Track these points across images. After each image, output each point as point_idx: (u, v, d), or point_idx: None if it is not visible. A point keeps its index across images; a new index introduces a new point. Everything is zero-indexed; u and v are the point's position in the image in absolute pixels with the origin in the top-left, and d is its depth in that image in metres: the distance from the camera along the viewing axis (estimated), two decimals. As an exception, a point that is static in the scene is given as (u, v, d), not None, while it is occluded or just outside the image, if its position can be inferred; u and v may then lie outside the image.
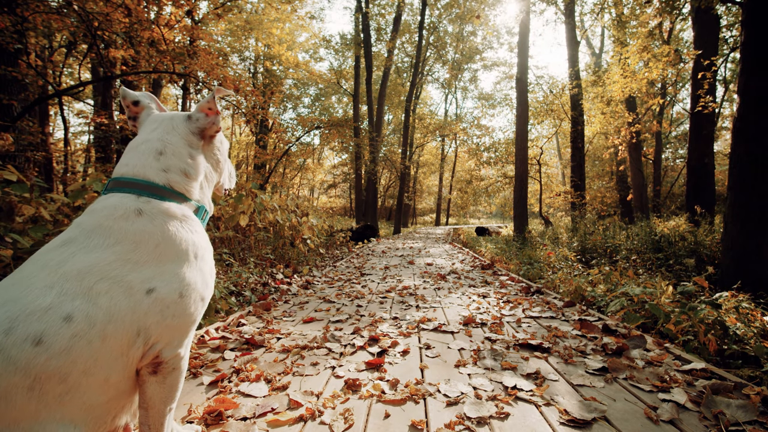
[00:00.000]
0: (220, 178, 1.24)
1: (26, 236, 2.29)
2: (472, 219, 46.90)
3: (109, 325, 0.81)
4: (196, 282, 0.94)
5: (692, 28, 8.02)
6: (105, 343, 0.80)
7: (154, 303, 0.86)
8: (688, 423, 1.34)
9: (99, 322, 0.79)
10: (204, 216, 1.11)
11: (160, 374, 0.91)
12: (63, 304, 0.78)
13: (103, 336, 0.80)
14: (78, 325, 0.77)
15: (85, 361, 0.78)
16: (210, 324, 2.49)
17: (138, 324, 0.84)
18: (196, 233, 1.00)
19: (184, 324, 0.92)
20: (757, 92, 3.91)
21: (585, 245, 6.95)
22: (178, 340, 0.93)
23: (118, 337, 0.82)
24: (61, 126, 12.71)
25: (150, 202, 0.95)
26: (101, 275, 0.83)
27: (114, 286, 0.83)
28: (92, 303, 0.80)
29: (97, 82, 8.84)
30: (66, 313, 0.77)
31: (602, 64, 19.34)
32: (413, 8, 22.31)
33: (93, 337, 0.79)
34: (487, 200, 25.67)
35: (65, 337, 0.76)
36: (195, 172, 1.08)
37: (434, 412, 1.39)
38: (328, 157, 33.53)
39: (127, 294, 0.83)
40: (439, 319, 2.74)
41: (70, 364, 0.76)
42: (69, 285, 0.81)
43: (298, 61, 17.88)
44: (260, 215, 5.19)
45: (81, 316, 0.78)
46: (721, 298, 2.54)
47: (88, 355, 0.78)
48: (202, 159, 1.11)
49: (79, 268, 0.83)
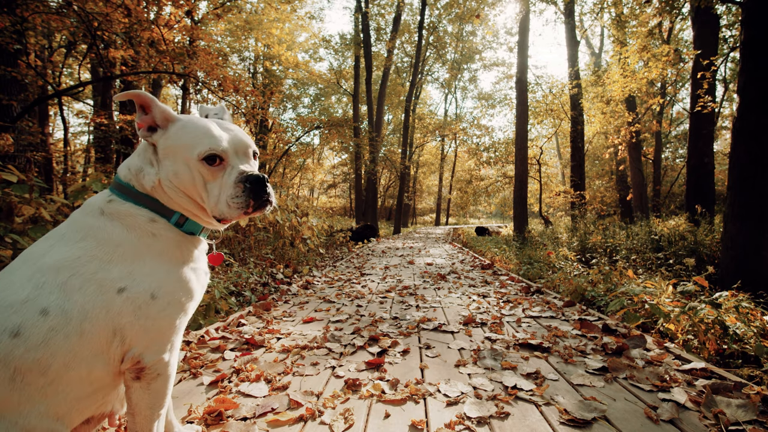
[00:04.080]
0: (194, 194, 1.07)
1: (26, 237, 2.29)
2: (472, 219, 46.88)
3: (85, 322, 0.80)
4: (168, 284, 0.91)
5: (692, 28, 8.02)
6: (83, 339, 0.80)
7: (126, 303, 0.84)
8: (688, 422, 1.34)
9: (74, 318, 0.79)
10: (183, 221, 1.00)
11: (143, 380, 0.89)
12: (39, 297, 0.78)
13: (80, 332, 0.80)
14: (54, 320, 0.78)
15: (64, 355, 0.78)
16: (210, 324, 2.49)
17: (113, 323, 0.83)
18: (159, 237, 0.94)
19: (161, 327, 0.90)
20: (756, 92, 3.91)
21: (585, 245, 6.95)
22: (158, 345, 0.90)
23: (95, 335, 0.82)
24: (61, 126, 12.70)
25: (113, 201, 0.94)
26: (73, 271, 0.83)
27: (86, 283, 0.82)
28: (67, 298, 0.80)
29: (96, 82, 8.84)
30: (42, 306, 0.78)
31: (602, 64, 19.35)
32: (413, 8, 22.32)
33: (70, 332, 0.78)
34: (487, 200, 25.68)
35: (42, 330, 0.76)
36: (147, 178, 0.98)
37: (434, 412, 1.39)
38: (328, 157, 33.52)
39: (99, 292, 0.83)
40: (439, 318, 2.74)
41: (49, 356, 0.76)
42: (45, 278, 0.81)
43: (297, 61, 17.88)
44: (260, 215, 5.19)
45: (57, 310, 0.78)
46: (721, 298, 2.54)
47: (66, 350, 0.78)
48: (160, 166, 0.99)
49: (54, 261, 0.83)
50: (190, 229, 1.01)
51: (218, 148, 0.93)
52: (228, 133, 0.98)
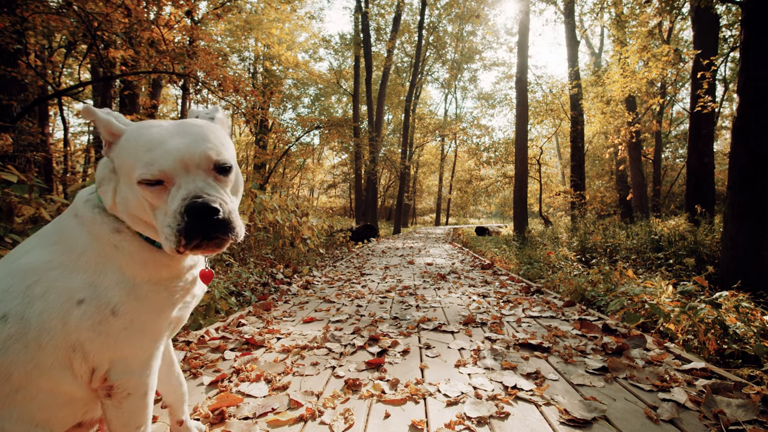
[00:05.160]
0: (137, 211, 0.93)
1: (26, 237, 2.29)
2: (472, 219, 46.88)
3: (43, 334, 0.76)
4: (131, 302, 0.82)
5: (692, 28, 8.02)
6: (43, 352, 0.76)
7: (84, 317, 0.78)
8: (688, 422, 1.34)
9: (33, 327, 0.75)
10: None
11: (114, 398, 0.84)
12: (3, 302, 0.76)
13: (39, 344, 0.76)
14: (13, 327, 0.74)
15: (24, 365, 0.74)
16: (210, 324, 2.49)
17: (71, 338, 0.78)
18: (122, 250, 0.84)
19: (124, 346, 0.82)
20: (756, 91, 3.91)
21: (585, 245, 6.95)
22: (124, 365, 0.83)
23: (55, 348, 0.77)
24: (61, 126, 12.70)
25: (87, 203, 0.87)
26: (39, 276, 0.78)
27: (49, 290, 0.78)
28: (28, 305, 0.76)
29: (96, 82, 8.84)
30: (3, 312, 0.75)
31: (602, 64, 19.35)
32: (413, 8, 22.31)
33: (29, 342, 0.75)
34: (487, 200, 25.70)
35: (1, 337, 0.74)
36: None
37: (434, 412, 1.39)
38: (328, 157, 33.52)
39: (59, 301, 0.77)
40: (439, 318, 2.74)
41: (9, 364, 0.74)
42: (12, 282, 0.78)
43: (297, 61, 17.87)
44: (260, 215, 5.19)
45: (16, 317, 0.75)
46: (721, 298, 2.54)
47: (26, 359, 0.75)
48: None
49: (26, 263, 0.80)
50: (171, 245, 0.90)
51: (152, 170, 0.74)
52: (180, 141, 0.77)
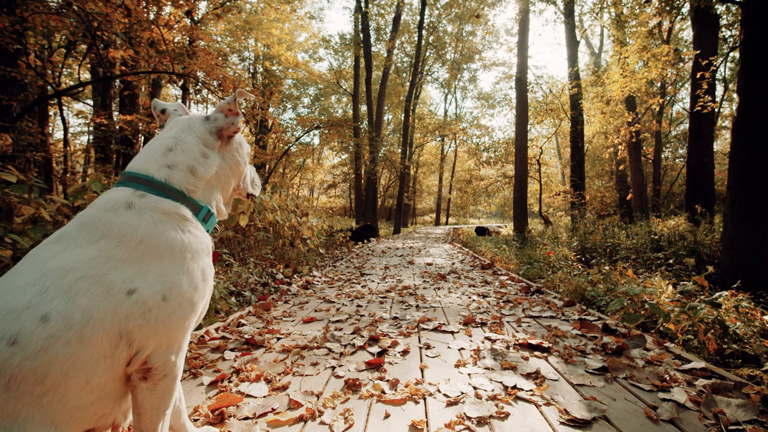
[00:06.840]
0: (239, 182, 1.22)
1: (25, 237, 2.29)
2: (472, 219, 46.87)
3: (87, 327, 0.78)
4: (182, 285, 0.89)
5: (692, 28, 8.02)
6: (83, 345, 0.77)
7: (136, 305, 0.82)
8: (688, 422, 1.34)
9: (76, 323, 0.77)
10: (208, 218, 1.06)
11: (150, 381, 0.88)
12: (42, 303, 0.76)
13: (81, 338, 0.77)
14: (54, 326, 0.75)
15: (62, 363, 0.75)
16: (210, 324, 2.49)
17: (119, 327, 0.81)
18: (189, 233, 0.95)
19: (170, 330, 0.88)
20: (756, 91, 3.91)
21: (585, 245, 6.95)
22: (167, 347, 0.89)
23: (98, 340, 0.79)
24: (61, 126, 12.69)
25: (144, 197, 0.92)
26: (82, 273, 0.80)
27: (94, 285, 0.80)
28: (70, 302, 0.77)
29: (96, 82, 8.84)
30: (43, 312, 0.75)
31: (602, 64, 19.36)
32: (413, 8, 22.32)
33: (70, 339, 0.76)
34: (486, 200, 25.71)
35: (41, 338, 0.74)
36: (204, 170, 1.05)
37: (434, 412, 1.39)
38: (328, 157, 33.52)
39: (107, 294, 0.80)
40: (439, 318, 2.74)
41: (47, 365, 0.74)
42: (50, 282, 0.78)
43: (297, 61, 17.87)
44: (260, 215, 5.19)
45: (58, 316, 0.76)
46: (721, 298, 2.54)
47: (65, 357, 0.75)
48: (216, 158, 1.09)
49: (63, 264, 0.81)
50: (210, 227, 1.05)
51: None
52: None
